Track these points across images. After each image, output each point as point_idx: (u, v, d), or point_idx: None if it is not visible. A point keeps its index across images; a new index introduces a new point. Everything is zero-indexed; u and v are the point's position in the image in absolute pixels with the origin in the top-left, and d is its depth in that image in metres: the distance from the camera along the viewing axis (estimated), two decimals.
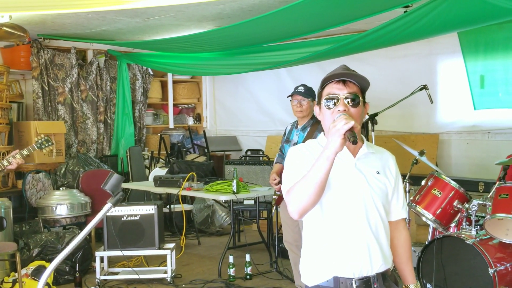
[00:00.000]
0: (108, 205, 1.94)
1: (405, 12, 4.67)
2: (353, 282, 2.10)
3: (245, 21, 5.21)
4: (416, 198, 4.58)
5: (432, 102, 5.11)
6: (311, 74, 7.13)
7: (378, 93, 6.82)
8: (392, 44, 5.49)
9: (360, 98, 2.13)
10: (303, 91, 4.44)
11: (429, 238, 4.67)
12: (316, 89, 4.44)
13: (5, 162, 4.27)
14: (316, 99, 2.26)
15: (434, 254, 4.21)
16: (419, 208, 4.51)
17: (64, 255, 1.77)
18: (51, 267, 1.74)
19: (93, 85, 7.67)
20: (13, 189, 6.57)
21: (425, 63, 6.59)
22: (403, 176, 5.12)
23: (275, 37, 5.95)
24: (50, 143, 4.55)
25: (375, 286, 2.13)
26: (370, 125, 4.95)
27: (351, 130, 1.93)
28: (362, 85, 2.17)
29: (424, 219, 4.57)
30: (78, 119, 7.57)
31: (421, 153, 4.84)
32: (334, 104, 2.10)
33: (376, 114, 4.91)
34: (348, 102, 2.10)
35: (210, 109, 9.27)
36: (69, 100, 7.45)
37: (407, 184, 4.92)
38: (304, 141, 4.37)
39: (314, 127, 4.40)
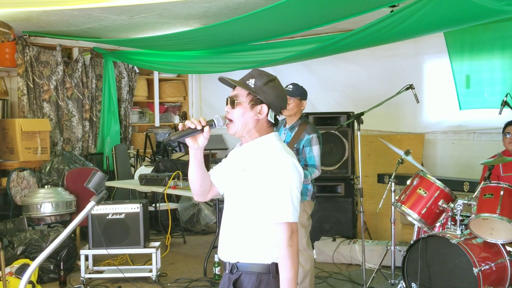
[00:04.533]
0: (92, 203, 1.93)
1: (391, 11, 4.68)
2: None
3: (231, 19, 5.20)
4: (402, 197, 4.60)
5: (418, 101, 5.13)
6: (297, 73, 7.14)
7: (364, 93, 6.87)
8: (378, 43, 5.51)
9: (243, 99, 2.33)
10: (290, 89, 4.43)
11: (414, 238, 4.69)
12: (306, 88, 4.48)
13: None
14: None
15: (419, 254, 4.23)
16: (405, 208, 4.53)
17: (47, 253, 1.75)
18: (34, 264, 1.73)
19: (79, 82, 7.61)
20: None
21: (411, 63, 6.61)
22: (389, 176, 5.16)
23: (261, 35, 5.94)
24: None
25: (226, 272, 2.39)
26: (356, 124, 4.96)
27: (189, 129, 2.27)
28: (250, 87, 2.34)
29: (409, 218, 4.59)
30: (64, 117, 7.51)
31: (407, 153, 4.86)
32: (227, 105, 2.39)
33: (362, 114, 4.92)
34: (229, 104, 2.37)
35: (196, 108, 9.24)
36: (55, 98, 7.39)
37: (393, 183, 4.94)
38: (291, 141, 4.39)
39: (302, 127, 4.39)
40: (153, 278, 5.34)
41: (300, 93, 4.44)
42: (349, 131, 6.14)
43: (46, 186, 6.41)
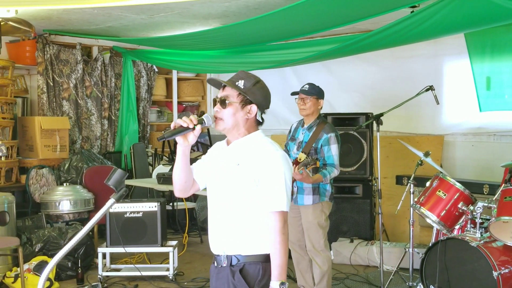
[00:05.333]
0: (111, 200, 1.93)
1: (412, 12, 4.65)
2: (215, 257, 2.51)
3: (251, 19, 5.19)
4: (421, 199, 4.56)
5: (438, 103, 5.07)
6: (317, 73, 7.11)
7: (383, 94, 6.82)
8: (398, 44, 5.47)
9: (234, 100, 2.43)
10: (307, 89, 4.42)
11: (433, 240, 4.64)
12: (323, 88, 4.46)
13: None
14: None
15: (438, 256, 4.19)
16: (423, 210, 4.49)
17: (66, 250, 1.76)
18: (53, 262, 1.74)
19: (98, 81, 7.66)
20: (17, 184, 6.56)
21: (431, 64, 6.55)
22: (407, 177, 5.11)
23: (280, 35, 5.93)
24: (0, 153, 4.13)
25: (222, 266, 2.44)
26: (375, 125, 4.93)
27: (182, 127, 2.36)
28: (240, 88, 2.43)
29: (428, 220, 4.55)
30: (83, 115, 7.56)
31: (426, 154, 4.81)
32: (215, 104, 2.48)
33: (381, 115, 4.88)
34: (218, 103, 2.46)
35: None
36: (74, 96, 7.45)
37: (412, 185, 4.89)
38: (309, 141, 4.37)
39: (320, 126, 4.38)
40: (170, 277, 5.35)
41: (316, 92, 4.42)
42: (368, 132, 6.10)
43: (64, 184, 6.48)
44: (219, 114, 2.45)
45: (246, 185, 2.38)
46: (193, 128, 2.37)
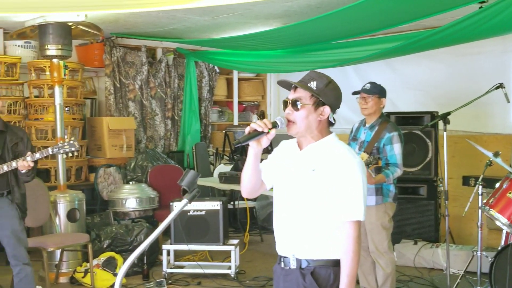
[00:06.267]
0: (185, 201, 1.99)
1: (480, 8, 4.51)
2: (281, 258, 2.47)
3: (312, 18, 5.18)
4: (490, 201, 4.41)
5: (509, 101, 4.90)
6: (378, 72, 7.01)
7: (447, 92, 6.65)
8: (465, 41, 5.32)
9: (307, 102, 2.36)
10: (368, 88, 4.36)
11: (502, 244, 4.49)
12: (385, 86, 4.39)
13: (14, 164, 3.95)
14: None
15: (508, 260, 4.05)
16: (493, 212, 4.34)
17: (143, 248, 1.83)
18: (128, 261, 1.80)
19: (162, 82, 7.84)
20: (86, 182, 6.81)
21: (499, 61, 6.32)
22: (475, 178, 4.96)
23: (343, 34, 5.88)
24: (73, 148, 4.05)
25: (291, 268, 2.40)
26: (442, 124, 4.81)
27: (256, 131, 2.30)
28: (313, 90, 2.36)
29: (498, 223, 4.40)
30: (147, 116, 7.76)
31: (496, 155, 4.64)
32: (286, 106, 2.43)
33: (448, 113, 4.76)
34: (290, 105, 2.40)
35: (274, 107, 9.26)
36: (139, 97, 7.65)
37: (480, 186, 4.73)
38: (371, 140, 4.31)
39: (382, 126, 4.32)
40: (232, 275, 5.41)
41: (378, 91, 4.36)
42: (433, 131, 5.96)
43: (130, 182, 6.67)
44: (291, 116, 2.39)
45: (321, 192, 2.34)
46: (268, 132, 2.33)
